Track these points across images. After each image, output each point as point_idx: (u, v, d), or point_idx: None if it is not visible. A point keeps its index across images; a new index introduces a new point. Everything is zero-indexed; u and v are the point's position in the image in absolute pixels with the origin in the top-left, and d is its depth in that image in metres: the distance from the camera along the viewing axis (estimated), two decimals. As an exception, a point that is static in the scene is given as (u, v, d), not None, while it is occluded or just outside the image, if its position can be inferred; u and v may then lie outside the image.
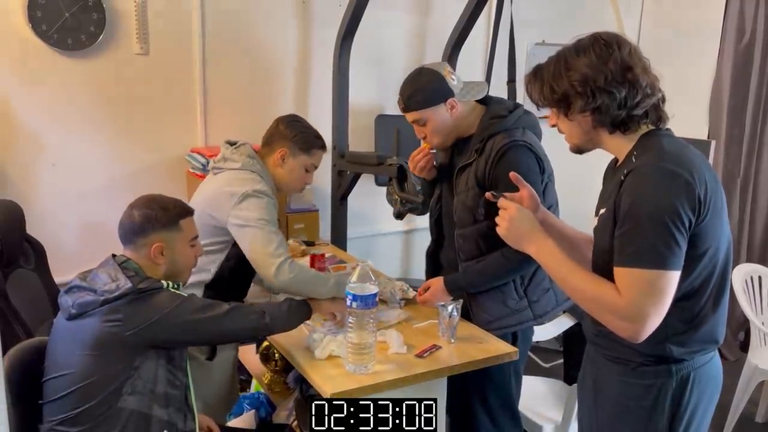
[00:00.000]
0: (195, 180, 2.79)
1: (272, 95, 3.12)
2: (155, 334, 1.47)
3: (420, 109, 1.90)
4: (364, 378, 1.61)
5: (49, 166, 2.66)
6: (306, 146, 2.07)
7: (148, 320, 1.45)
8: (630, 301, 1.19)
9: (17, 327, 1.99)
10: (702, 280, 1.25)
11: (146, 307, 1.46)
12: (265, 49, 3.06)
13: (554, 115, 1.35)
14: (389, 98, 3.43)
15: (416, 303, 2.10)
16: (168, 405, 1.53)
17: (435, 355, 1.76)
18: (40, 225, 2.47)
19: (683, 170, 1.18)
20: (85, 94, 2.68)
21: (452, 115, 1.89)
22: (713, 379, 1.33)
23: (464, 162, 1.91)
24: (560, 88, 1.28)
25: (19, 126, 2.59)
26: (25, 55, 2.54)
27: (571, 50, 1.29)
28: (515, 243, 1.43)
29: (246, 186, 1.92)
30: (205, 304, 1.57)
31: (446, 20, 3.28)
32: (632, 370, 1.32)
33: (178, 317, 1.50)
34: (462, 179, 1.92)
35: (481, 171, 1.85)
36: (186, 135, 2.92)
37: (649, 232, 1.16)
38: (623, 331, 1.21)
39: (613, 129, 1.29)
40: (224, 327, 1.58)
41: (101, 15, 2.62)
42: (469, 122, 1.93)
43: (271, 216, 1.90)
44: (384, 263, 3.30)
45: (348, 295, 1.60)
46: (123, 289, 1.44)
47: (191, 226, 1.66)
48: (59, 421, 1.45)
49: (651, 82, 1.26)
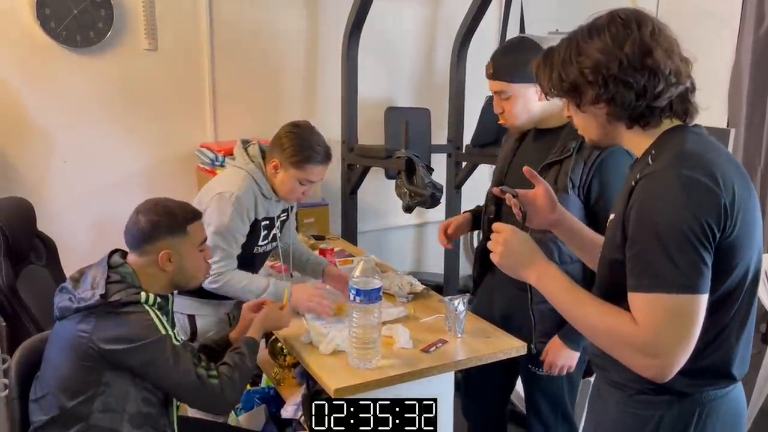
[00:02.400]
0: (205, 175, 2.79)
1: (281, 89, 3.11)
2: (118, 360, 1.41)
3: (509, 81, 1.71)
4: (369, 373, 1.59)
5: (59, 162, 2.68)
6: (297, 160, 1.94)
7: (113, 343, 1.40)
8: (652, 332, 1.00)
9: (28, 323, 2.01)
10: (722, 303, 1.06)
11: (115, 326, 1.41)
12: (273, 43, 3.05)
13: (566, 106, 1.19)
14: (399, 90, 3.42)
15: (423, 297, 2.08)
16: (143, 424, 1.47)
17: (441, 349, 1.74)
18: (51, 221, 2.49)
19: (705, 175, 1.00)
20: (95, 91, 2.70)
21: (541, 99, 1.63)
22: (728, 418, 1.12)
23: (553, 158, 1.70)
24: (570, 76, 1.11)
25: (29, 123, 2.61)
26: (35, 52, 2.56)
27: (584, 31, 1.11)
28: (512, 271, 1.22)
29: (225, 186, 1.94)
30: (174, 357, 1.45)
31: (456, 10, 3.24)
32: (629, 398, 1.16)
33: (141, 356, 1.42)
34: (548, 177, 1.67)
35: (579, 172, 1.65)
36: (195, 130, 2.93)
37: (669, 250, 0.98)
38: (646, 369, 1.02)
39: (632, 123, 1.11)
40: (178, 392, 1.51)
41: (109, 11, 2.63)
42: (554, 114, 1.72)
43: (228, 224, 1.90)
44: (395, 257, 3.28)
45: (351, 289, 1.58)
46: (92, 300, 1.40)
47: (199, 231, 1.60)
48: (40, 424, 1.44)
49: (676, 68, 1.07)
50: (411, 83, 3.46)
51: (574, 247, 1.41)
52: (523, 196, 1.34)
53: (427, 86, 3.46)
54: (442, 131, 3.25)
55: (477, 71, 3.28)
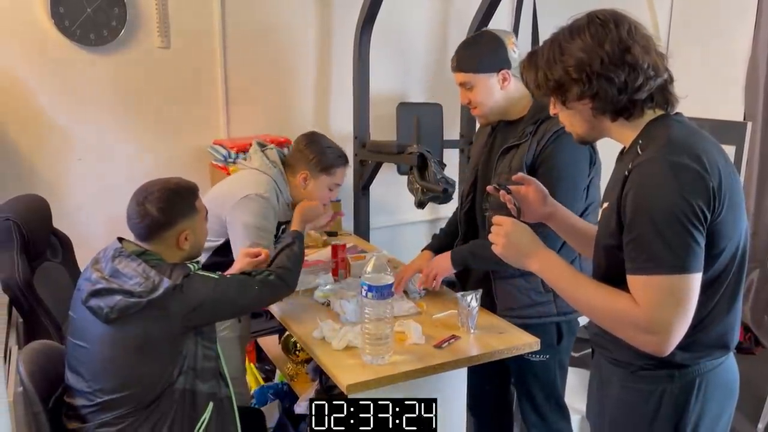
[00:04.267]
0: (218, 172, 2.81)
1: (293, 85, 3.11)
2: (199, 320, 1.53)
3: (470, 72, 1.79)
4: (382, 369, 1.60)
5: (74, 160, 2.71)
6: (326, 167, 2.08)
7: (191, 308, 1.50)
8: (650, 311, 1.08)
9: (45, 319, 2.03)
10: (713, 280, 1.14)
11: (186, 297, 1.49)
12: (285, 39, 3.05)
13: (552, 105, 1.26)
14: (411, 86, 3.41)
15: (435, 293, 2.08)
16: (208, 378, 1.58)
17: (454, 345, 1.74)
18: (66, 218, 2.52)
19: (693, 161, 1.07)
20: (109, 89, 2.72)
21: (503, 87, 1.79)
22: (725, 385, 1.22)
23: (511, 143, 1.80)
24: (554, 74, 1.18)
25: (44, 122, 2.64)
26: (49, 51, 2.58)
27: (565, 32, 1.19)
28: (515, 261, 1.29)
29: (250, 188, 1.96)
30: (236, 282, 1.63)
31: (468, 4, 3.21)
32: (632, 374, 1.23)
33: (218, 299, 1.55)
34: (505, 161, 1.80)
35: (531, 154, 1.74)
36: (208, 127, 2.94)
37: (663, 233, 1.05)
38: (647, 345, 1.11)
39: (616, 116, 1.18)
40: (255, 302, 1.71)
41: (123, 10, 2.64)
42: (519, 104, 1.83)
43: (263, 222, 1.94)
44: (407, 253, 3.26)
45: (363, 285, 1.59)
46: (164, 287, 1.46)
47: (202, 203, 1.68)
48: (110, 419, 1.48)
49: (653, 62, 1.14)
50: (423, 78, 3.44)
51: (568, 236, 1.49)
52: (515, 192, 1.43)
53: (439, 81, 3.44)
54: (455, 126, 3.24)
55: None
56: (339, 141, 3.08)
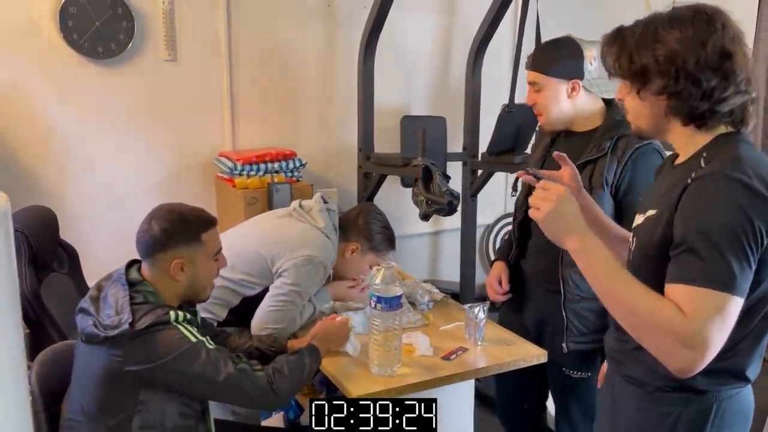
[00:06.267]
0: (223, 184, 2.82)
1: (298, 98, 3.14)
2: (153, 377, 1.39)
3: (542, 73, 1.77)
4: (390, 380, 1.60)
5: (81, 172, 2.72)
6: (380, 248, 2.07)
7: (147, 362, 1.37)
8: (696, 324, 0.98)
9: (52, 330, 2.03)
10: (750, 309, 1.06)
11: (147, 348, 1.37)
12: (291, 53, 3.08)
13: (625, 89, 1.15)
14: (415, 99, 3.43)
15: (442, 305, 2.08)
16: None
17: (462, 357, 1.74)
18: (73, 230, 2.53)
19: (760, 183, 1.00)
20: (116, 101, 2.74)
21: (570, 97, 1.76)
22: (740, 413, 1.15)
23: (589, 157, 1.72)
24: (640, 60, 1.08)
25: (52, 134, 2.66)
26: (57, 63, 2.60)
27: (665, 18, 1.08)
28: (555, 232, 1.15)
29: (315, 251, 1.92)
30: (211, 359, 1.41)
31: (472, 19, 3.25)
32: (648, 395, 1.17)
33: (177, 368, 1.38)
34: (583, 176, 1.67)
35: (613, 170, 1.68)
36: (214, 140, 2.96)
37: (720, 249, 0.98)
38: (680, 359, 1.00)
39: (689, 121, 1.09)
40: (223, 394, 1.47)
41: (130, 23, 2.67)
42: (587, 116, 1.79)
43: (309, 288, 1.92)
44: (411, 265, 3.28)
45: (372, 296, 1.59)
46: (121, 330, 1.35)
47: (214, 239, 1.54)
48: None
49: (747, 77, 1.06)
50: (427, 92, 3.47)
51: (597, 233, 1.39)
52: (549, 176, 1.30)
53: (443, 94, 3.48)
54: (458, 139, 3.26)
55: (492, 79, 3.29)
56: (344, 154, 3.13)
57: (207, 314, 1.94)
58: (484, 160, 3.07)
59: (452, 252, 3.47)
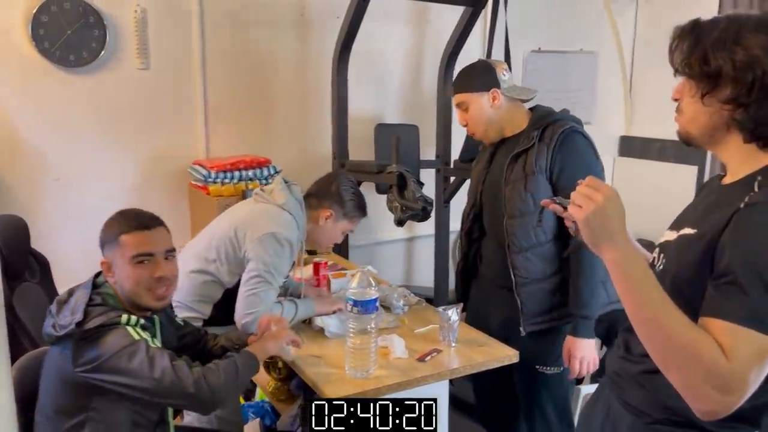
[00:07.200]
0: (198, 192, 2.82)
1: (273, 106, 3.16)
2: (99, 378, 1.36)
3: (464, 92, 1.93)
4: (366, 382, 1.63)
5: (52, 181, 2.70)
6: (352, 214, 2.10)
7: (90, 363, 1.36)
8: (737, 368, 0.88)
9: (24, 339, 2.01)
10: None
11: (92, 347, 1.36)
12: (264, 61, 3.10)
13: (685, 89, 1.03)
14: (388, 107, 3.48)
15: (417, 309, 2.12)
16: None
17: (436, 358, 1.78)
18: (44, 239, 2.50)
19: None
20: (88, 110, 2.73)
21: (493, 106, 1.90)
22: None
23: (520, 148, 1.87)
24: (716, 61, 0.96)
25: (22, 142, 2.63)
26: (28, 72, 2.58)
27: (752, 20, 0.97)
28: (595, 235, 1.00)
29: (276, 227, 1.94)
30: (148, 356, 1.37)
31: (442, 30, 3.32)
32: (644, 425, 1.08)
33: (115, 366, 1.35)
34: (516, 167, 1.86)
35: (544, 156, 1.82)
36: (188, 148, 2.96)
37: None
38: (710, 401, 0.90)
39: (752, 138, 0.98)
40: (161, 391, 1.39)
41: (102, 32, 2.67)
42: (514, 121, 1.93)
43: (279, 265, 1.93)
44: (386, 271, 3.31)
45: (348, 300, 1.62)
46: (68, 329, 1.36)
47: (136, 243, 1.47)
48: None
49: None
50: (400, 100, 3.53)
51: None
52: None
53: (416, 103, 3.53)
54: (431, 147, 3.31)
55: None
56: (318, 161, 3.15)
57: (192, 313, 1.97)
58: (456, 167, 3.13)
59: (426, 258, 3.51)
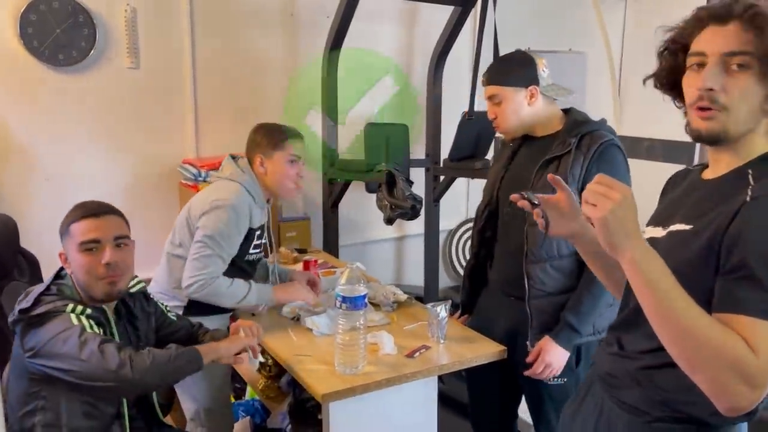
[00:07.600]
0: (187, 191, 2.82)
1: (263, 105, 3.15)
2: (39, 365, 1.37)
3: (500, 85, 1.82)
4: (355, 378, 1.64)
5: (42, 180, 2.69)
6: (274, 143, 2.10)
7: (32, 349, 1.37)
8: (763, 361, 0.88)
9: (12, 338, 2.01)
10: None
11: (34, 334, 1.37)
12: (254, 61, 3.10)
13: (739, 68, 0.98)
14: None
15: (406, 306, 2.14)
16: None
17: (425, 355, 1.80)
18: (34, 238, 2.49)
19: None
20: (77, 109, 2.72)
21: (530, 104, 1.81)
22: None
23: (554, 153, 1.76)
24: None
25: (11, 141, 2.62)
26: (17, 71, 2.57)
27: None
28: (612, 235, 0.96)
29: (219, 196, 1.99)
30: (81, 339, 1.36)
31: (431, 30, 3.34)
32: (644, 424, 1.08)
33: (52, 351, 1.36)
34: (548, 172, 1.73)
35: (579, 165, 1.71)
36: (178, 147, 2.96)
37: None
38: (738, 397, 0.90)
39: None
40: (90, 373, 1.36)
41: (92, 30, 2.66)
42: (546, 121, 1.84)
43: (226, 231, 1.96)
44: (376, 270, 3.33)
45: (337, 296, 1.63)
46: (15, 316, 1.39)
47: (84, 231, 1.49)
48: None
49: None
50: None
51: (593, 262, 1.26)
52: (546, 201, 1.19)
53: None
54: (420, 146, 3.33)
55: (453, 88, 3.38)
56: (308, 160, 3.16)
57: (175, 301, 2.01)
58: (445, 166, 3.15)
59: (416, 257, 3.53)
